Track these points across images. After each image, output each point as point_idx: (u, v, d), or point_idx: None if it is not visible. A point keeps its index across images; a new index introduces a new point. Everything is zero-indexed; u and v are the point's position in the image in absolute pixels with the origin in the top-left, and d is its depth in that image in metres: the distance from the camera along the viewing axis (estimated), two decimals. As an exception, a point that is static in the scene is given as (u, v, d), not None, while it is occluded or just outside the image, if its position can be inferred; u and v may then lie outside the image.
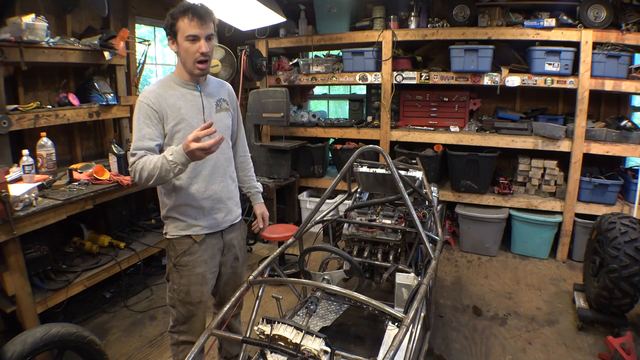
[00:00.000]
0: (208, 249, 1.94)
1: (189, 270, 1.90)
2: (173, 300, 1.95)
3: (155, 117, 1.75)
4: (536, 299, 3.33)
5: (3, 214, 2.14)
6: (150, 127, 1.74)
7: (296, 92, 5.52)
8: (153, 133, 1.74)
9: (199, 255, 1.91)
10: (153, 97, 1.76)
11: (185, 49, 1.74)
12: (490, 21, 3.97)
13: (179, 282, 1.91)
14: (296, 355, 1.42)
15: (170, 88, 1.82)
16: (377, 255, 2.65)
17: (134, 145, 1.73)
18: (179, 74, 1.86)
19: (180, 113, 1.79)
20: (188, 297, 1.92)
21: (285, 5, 4.67)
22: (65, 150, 3.35)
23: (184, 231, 1.89)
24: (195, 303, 1.94)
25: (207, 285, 1.97)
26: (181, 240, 1.89)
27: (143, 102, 1.75)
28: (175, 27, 1.73)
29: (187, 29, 1.71)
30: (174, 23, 1.73)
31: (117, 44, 3.15)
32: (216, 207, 1.93)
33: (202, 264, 1.92)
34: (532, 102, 4.51)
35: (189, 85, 1.85)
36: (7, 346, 1.73)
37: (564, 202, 3.93)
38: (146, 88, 1.83)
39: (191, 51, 1.74)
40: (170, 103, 1.78)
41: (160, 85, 1.83)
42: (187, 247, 1.89)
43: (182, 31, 1.72)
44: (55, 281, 2.66)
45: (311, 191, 5.00)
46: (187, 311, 1.95)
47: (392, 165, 2.41)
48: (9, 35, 2.46)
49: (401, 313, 1.62)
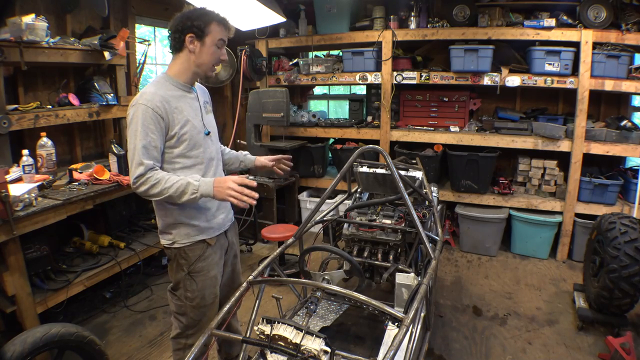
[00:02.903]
0: (217, 250, 1.96)
1: (204, 275, 1.89)
2: (184, 307, 1.90)
3: (160, 123, 1.71)
4: (536, 299, 3.33)
5: (3, 214, 2.14)
6: (154, 134, 1.70)
7: (296, 92, 5.51)
8: (157, 140, 1.71)
9: (212, 259, 1.91)
10: (158, 101, 1.70)
11: (211, 52, 1.79)
12: (490, 21, 3.97)
13: (193, 289, 1.87)
14: (296, 355, 1.42)
15: (169, 90, 1.79)
16: (377, 255, 2.65)
17: (142, 152, 1.67)
18: (176, 76, 1.83)
19: (184, 115, 1.79)
20: (203, 302, 1.91)
21: (285, 5, 4.67)
22: (65, 150, 3.35)
23: (197, 236, 1.86)
24: (208, 305, 1.93)
25: (218, 286, 1.99)
26: (194, 246, 1.86)
27: (147, 106, 1.68)
28: (207, 28, 1.75)
29: (220, 33, 1.78)
30: (206, 26, 1.75)
31: (117, 44, 3.15)
32: (220, 207, 1.96)
33: (215, 266, 1.94)
34: (532, 102, 4.51)
35: (186, 88, 1.85)
36: (7, 346, 1.73)
37: (564, 202, 3.93)
38: (145, 91, 1.75)
39: (216, 55, 1.81)
40: (174, 106, 1.76)
41: (159, 87, 1.78)
42: (201, 253, 1.87)
43: (214, 34, 1.77)
44: (55, 281, 2.67)
45: (311, 191, 5.00)
46: (200, 314, 1.93)
47: (392, 165, 2.41)
48: (9, 35, 2.46)
49: (401, 313, 1.62)
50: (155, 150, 1.71)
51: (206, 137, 1.89)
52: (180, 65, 1.82)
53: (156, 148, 1.71)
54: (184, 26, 1.75)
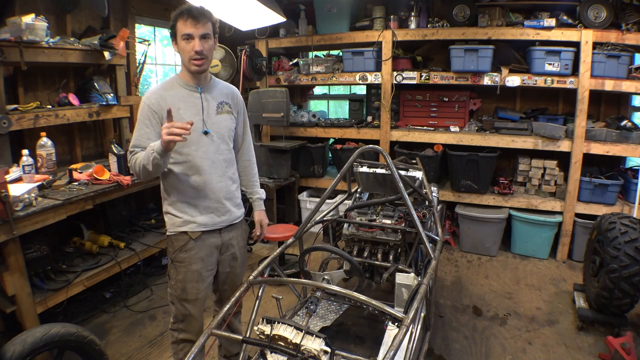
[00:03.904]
0: (205, 246, 1.97)
1: (185, 267, 1.94)
2: (172, 296, 2.00)
3: (154, 118, 1.85)
4: (536, 299, 3.33)
5: (3, 214, 2.14)
6: (148, 127, 1.85)
7: (296, 92, 5.51)
8: (150, 133, 1.85)
9: (195, 252, 1.94)
10: (154, 98, 1.86)
11: (182, 48, 1.84)
12: (490, 21, 3.97)
13: (176, 279, 1.96)
14: (296, 355, 1.42)
15: (172, 89, 1.91)
16: (377, 255, 2.65)
17: (132, 143, 1.87)
18: (182, 76, 1.95)
19: (179, 114, 1.84)
20: (184, 294, 1.96)
21: (285, 5, 4.67)
22: (65, 150, 3.34)
23: (180, 227, 1.94)
24: (191, 300, 1.97)
25: (203, 283, 1.99)
26: (178, 236, 1.95)
27: (145, 103, 1.87)
28: (175, 28, 1.83)
29: (182, 28, 1.81)
30: (174, 24, 1.83)
31: (117, 44, 3.15)
32: (213, 206, 1.96)
33: (198, 261, 1.95)
34: (532, 102, 4.51)
35: (190, 87, 1.92)
36: (7, 346, 1.73)
37: (564, 202, 3.93)
38: (149, 89, 1.95)
39: (186, 50, 1.83)
40: (169, 104, 1.81)
41: (162, 86, 1.94)
42: (183, 244, 1.94)
43: (179, 31, 1.82)
44: (55, 281, 2.66)
45: (311, 191, 5.00)
46: (184, 309, 1.98)
47: (392, 165, 2.41)
48: (9, 35, 2.46)
49: (401, 313, 1.62)
50: (147, 141, 1.83)
51: (203, 137, 1.91)
52: (182, 65, 1.96)
53: (148, 139, 1.83)
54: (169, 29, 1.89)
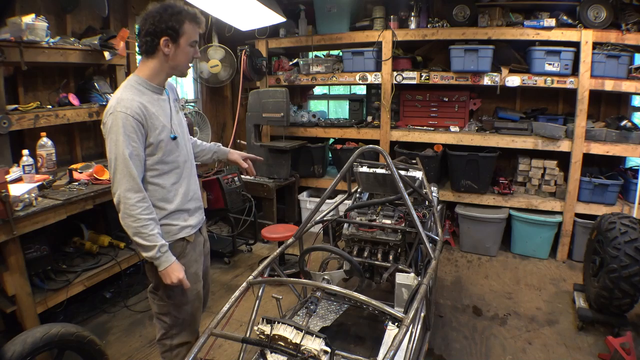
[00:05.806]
0: (196, 247, 1.97)
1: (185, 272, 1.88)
2: (166, 307, 1.90)
3: (140, 131, 1.66)
4: (536, 299, 3.33)
5: (3, 214, 2.14)
6: (136, 142, 1.65)
7: (296, 92, 5.51)
8: (139, 148, 1.67)
9: (191, 256, 1.92)
10: (137, 107, 1.64)
11: (187, 52, 1.75)
12: (490, 21, 3.97)
13: (174, 288, 1.84)
14: (296, 355, 1.42)
15: (144, 94, 1.73)
16: (377, 255, 2.65)
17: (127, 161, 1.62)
18: (149, 78, 1.75)
19: (160, 121, 1.74)
20: (185, 299, 1.90)
21: (285, 5, 4.67)
22: (65, 150, 3.34)
23: (177, 235, 1.85)
24: (191, 302, 1.93)
25: (200, 283, 1.99)
26: (175, 244, 1.85)
27: (127, 114, 1.61)
28: (181, 29, 1.68)
29: (193, 34, 1.73)
30: (181, 26, 1.68)
31: (117, 44, 3.15)
32: (197, 205, 1.97)
33: (194, 262, 1.94)
34: (532, 102, 4.51)
35: (158, 90, 1.79)
36: (7, 346, 1.73)
37: (564, 202, 3.93)
38: (122, 97, 1.66)
39: (190, 55, 1.77)
40: (151, 112, 1.71)
41: (134, 92, 1.70)
42: (180, 250, 1.87)
43: (188, 35, 1.71)
44: (55, 281, 2.66)
45: (311, 191, 5.00)
46: (183, 312, 1.92)
47: (392, 165, 2.41)
48: (9, 35, 2.46)
49: (401, 313, 1.62)
50: (138, 159, 1.66)
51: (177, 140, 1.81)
52: (153, 67, 1.75)
53: (139, 156, 1.67)
54: (156, 29, 1.66)
